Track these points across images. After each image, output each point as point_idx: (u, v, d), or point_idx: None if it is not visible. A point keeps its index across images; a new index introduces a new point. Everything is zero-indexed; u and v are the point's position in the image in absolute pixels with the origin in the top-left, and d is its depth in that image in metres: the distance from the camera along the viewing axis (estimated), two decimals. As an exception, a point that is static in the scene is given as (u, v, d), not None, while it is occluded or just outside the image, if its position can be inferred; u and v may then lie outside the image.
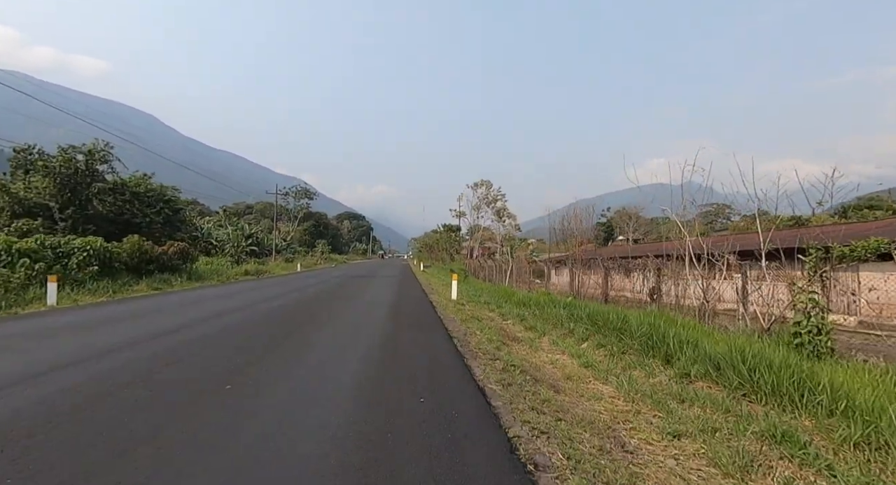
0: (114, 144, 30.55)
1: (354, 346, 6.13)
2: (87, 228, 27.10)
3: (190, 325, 7.66)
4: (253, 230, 58.21)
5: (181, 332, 6.97)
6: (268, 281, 20.33)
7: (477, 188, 40.57)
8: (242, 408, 3.60)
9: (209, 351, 5.69)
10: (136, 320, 8.12)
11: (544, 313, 9.61)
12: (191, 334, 6.76)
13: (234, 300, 11.43)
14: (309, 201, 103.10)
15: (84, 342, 6.08)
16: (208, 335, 6.78)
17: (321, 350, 5.83)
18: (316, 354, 5.63)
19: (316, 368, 4.98)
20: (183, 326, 7.47)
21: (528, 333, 8.20)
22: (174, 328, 7.27)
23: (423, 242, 72.15)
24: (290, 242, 70.07)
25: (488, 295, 14.21)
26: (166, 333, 6.79)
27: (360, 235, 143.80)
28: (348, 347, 6.08)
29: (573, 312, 8.73)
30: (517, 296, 12.77)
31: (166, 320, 8.12)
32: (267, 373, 4.70)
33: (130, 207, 30.58)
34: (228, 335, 6.83)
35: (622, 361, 5.77)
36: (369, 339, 6.61)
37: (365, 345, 6.20)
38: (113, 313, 8.97)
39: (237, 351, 5.69)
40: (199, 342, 6.22)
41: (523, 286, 25.55)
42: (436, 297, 13.44)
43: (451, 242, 58.58)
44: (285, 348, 5.90)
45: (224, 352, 5.64)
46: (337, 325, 7.75)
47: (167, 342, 6.15)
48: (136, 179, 32.52)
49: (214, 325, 7.73)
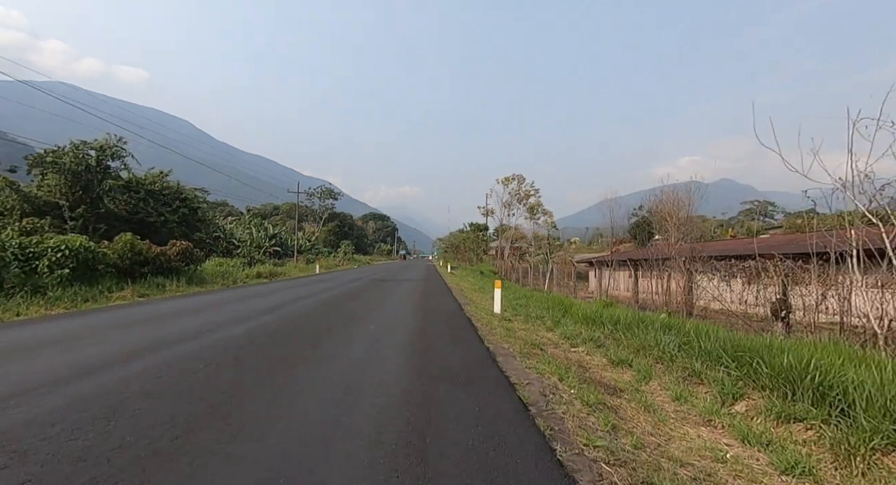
0: (149, 148, 29.59)
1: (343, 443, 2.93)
2: (99, 227, 25.86)
3: (70, 380, 4.24)
4: (277, 231, 57.29)
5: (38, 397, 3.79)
6: (278, 285, 18.12)
7: (508, 183, 37.50)
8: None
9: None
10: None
11: (631, 338, 6.71)
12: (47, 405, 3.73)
13: (211, 316, 8.98)
14: (334, 202, 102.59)
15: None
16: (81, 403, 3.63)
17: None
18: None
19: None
20: (52, 385, 4.08)
21: (623, 375, 5.35)
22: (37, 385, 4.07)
23: (449, 243, 69.51)
24: (315, 243, 69.03)
25: (536, 305, 11.36)
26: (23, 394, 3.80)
27: (385, 236, 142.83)
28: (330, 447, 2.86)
29: (686, 339, 5.80)
30: (576, 307, 9.87)
31: (59, 360, 5.03)
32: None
33: (145, 205, 29.30)
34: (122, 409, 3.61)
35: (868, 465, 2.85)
36: (375, 421, 3.33)
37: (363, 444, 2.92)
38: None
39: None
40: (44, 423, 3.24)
41: (565, 291, 22.47)
42: (473, 310, 10.62)
43: (479, 241, 55.70)
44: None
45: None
46: (327, 374, 4.59)
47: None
48: (152, 176, 31.30)
49: (121, 376, 4.39)
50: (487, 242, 62.52)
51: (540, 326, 8.67)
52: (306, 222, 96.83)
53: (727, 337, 5.61)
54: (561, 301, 11.09)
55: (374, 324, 8.01)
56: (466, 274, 30.84)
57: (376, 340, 6.51)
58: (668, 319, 7.32)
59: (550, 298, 12.07)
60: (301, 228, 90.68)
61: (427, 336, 7.03)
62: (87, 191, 25.42)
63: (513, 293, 15.07)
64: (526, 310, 10.62)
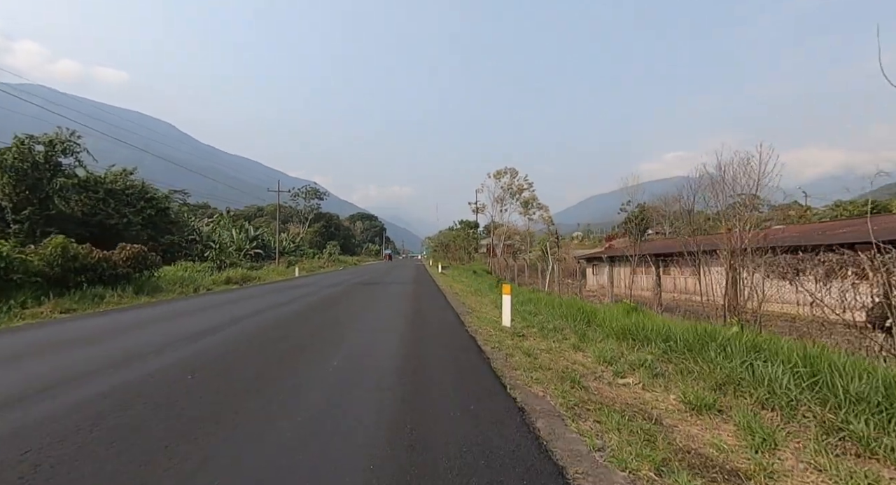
0: (132, 152, 27.16)
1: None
2: (48, 230, 23.14)
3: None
4: (259, 232, 54.61)
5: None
6: (246, 292, 15.89)
7: (500, 177, 35.57)
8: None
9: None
10: None
11: (701, 364, 4.80)
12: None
13: (131, 341, 6.81)
14: (319, 202, 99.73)
15: None
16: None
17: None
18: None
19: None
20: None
21: (719, 432, 3.40)
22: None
23: (439, 241, 67.46)
24: (299, 244, 66.41)
25: (548, 311, 9.41)
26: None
27: (373, 236, 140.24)
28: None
29: (797, 369, 3.89)
30: (600, 315, 7.95)
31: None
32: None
33: (105, 206, 26.62)
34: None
35: None
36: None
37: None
38: None
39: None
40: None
41: (569, 291, 20.64)
42: (475, 322, 8.52)
43: (470, 239, 53.77)
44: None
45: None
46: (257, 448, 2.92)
47: None
48: (114, 174, 28.63)
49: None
50: (478, 239, 60.64)
51: (563, 344, 6.71)
52: (291, 223, 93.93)
53: (851, 364, 3.72)
54: (579, 306, 9.16)
55: (340, 357, 5.63)
56: (459, 274, 28.87)
57: (359, 367, 4.43)
58: (741, 333, 5.41)
59: (564, 302, 10.12)
60: (285, 229, 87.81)
61: (418, 376, 4.78)
62: (35, 190, 22.76)
63: (516, 296, 13.11)
64: (538, 319, 8.65)
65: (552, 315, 8.94)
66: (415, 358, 5.64)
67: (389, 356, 5.71)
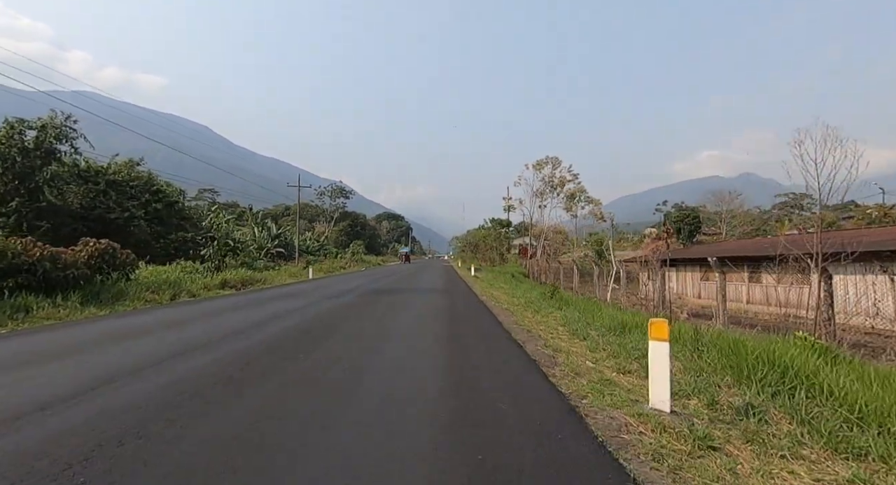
0: (170, 153, 25.64)
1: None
2: (39, 224, 20.81)
3: None
4: (281, 230, 52.46)
5: None
6: (233, 301, 12.57)
7: (541, 168, 31.29)
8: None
9: None
10: None
11: None
12: None
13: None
14: (345, 201, 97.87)
15: None
16: None
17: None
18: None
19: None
20: None
21: None
22: None
23: (467, 241, 63.46)
24: (324, 243, 64.16)
25: (712, 360, 5.39)
26: None
27: (399, 236, 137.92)
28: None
29: None
30: (826, 380, 3.92)
31: None
32: None
33: (105, 198, 24.29)
34: None
35: None
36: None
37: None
38: None
39: None
40: None
41: (632, 302, 16.41)
42: (574, 383, 4.39)
43: (501, 239, 49.61)
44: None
45: None
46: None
47: None
48: (118, 165, 26.38)
49: None
50: (510, 239, 56.40)
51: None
52: (317, 222, 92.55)
53: None
54: (739, 344, 5.12)
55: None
56: (494, 278, 24.94)
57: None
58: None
59: (719, 338, 6.03)
60: (311, 227, 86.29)
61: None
62: (24, 180, 20.43)
63: (595, 315, 9.08)
64: (706, 380, 4.60)
65: (711, 365, 4.96)
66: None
67: None
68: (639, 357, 5.55)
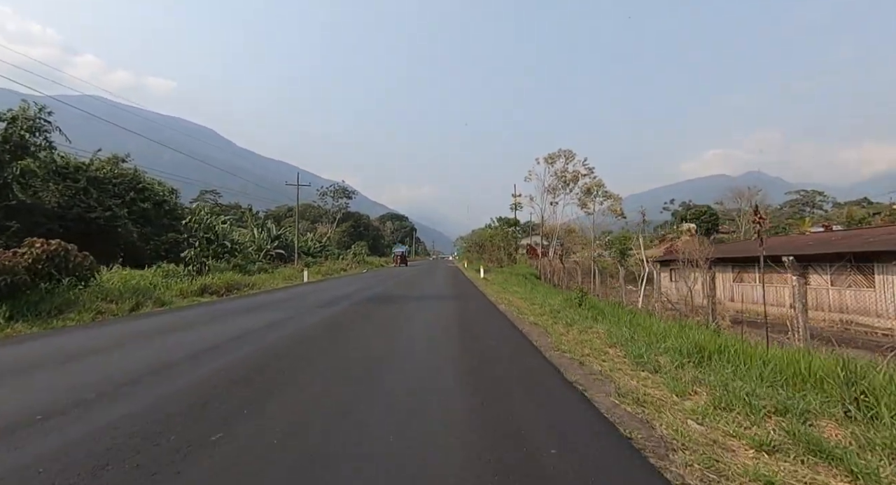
0: (174, 155, 24.58)
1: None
2: (8, 225, 19.13)
3: None
4: (282, 231, 50.81)
5: None
6: (201, 313, 10.66)
7: (552, 161, 29.16)
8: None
9: None
10: None
11: None
12: None
13: None
14: (348, 201, 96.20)
15: None
16: None
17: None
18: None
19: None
20: None
21: None
22: None
23: (472, 241, 61.37)
24: (326, 244, 62.44)
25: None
26: None
27: (403, 236, 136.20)
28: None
29: None
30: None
31: None
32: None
33: (86, 197, 22.56)
34: None
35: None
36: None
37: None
38: None
39: None
40: None
41: (653, 304, 14.37)
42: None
43: (509, 239, 47.53)
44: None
45: None
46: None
47: None
48: (100, 161, 24.65)
49: None
50: (518, 239, 54.34)
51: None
52: (320, 223, 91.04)
53: None
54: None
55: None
56: (505, 280, 22.92)
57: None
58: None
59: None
60: (313, 228, 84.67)
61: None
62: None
63: (647, 331, 7.06)
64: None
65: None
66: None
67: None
68: (773, 414, 3.53)
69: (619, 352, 6.16)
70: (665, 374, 4.91)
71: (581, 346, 6.47)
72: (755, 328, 14.33)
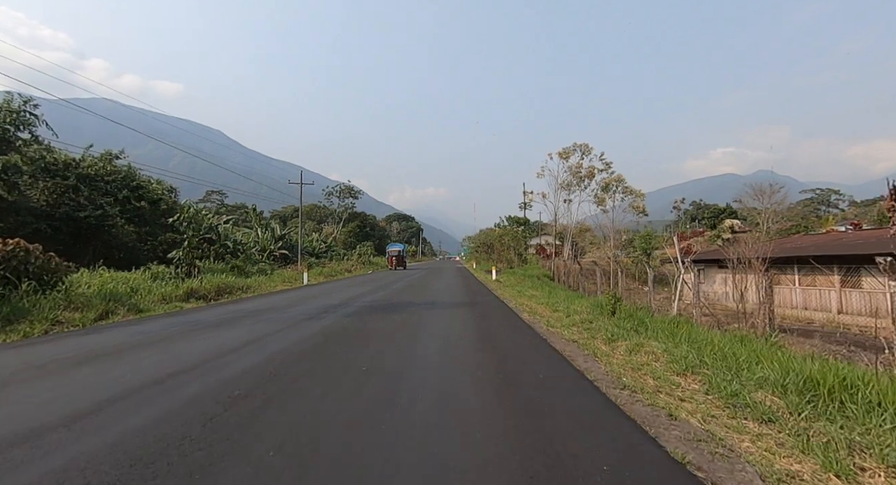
0: (184, 157, 24.22)
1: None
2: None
3: None
4: (286, 232, 49.73)
5: None
6: (176, 323, 9.31)
7: (567, 156, 27.46)
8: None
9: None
10: None
11: None
12: None
13: None
14: (354, 201, 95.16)
15: None
16: None
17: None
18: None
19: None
20: None
21: None
22: None
23: (480, 241, 59.70)
24: (331, 245, 61.28)
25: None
26: None
27: (410, 237, 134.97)
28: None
29: None
30: None
31: None
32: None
33: (75, 195, 21.44)
34: None
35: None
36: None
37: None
38: None
39: None
40: None
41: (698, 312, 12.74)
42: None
43: (519, 239, 45.86)
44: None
45: None
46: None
47: None
48: (93, 158, 23.52)
49: None
50: (527, 238, 52.66)
51: None
52: (326, 224, 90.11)
53: None
54: None
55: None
56: (519, 282, 21.38)
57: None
58: None
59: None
60: (319, 229, 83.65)
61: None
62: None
63: (717, 350, 5.51)
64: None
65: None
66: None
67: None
68: None
69: (696, 384, 4.63)
70: (787, 428, 3.38)
71: (640, 374, 4.94)
72: (804, 337, 12.65)
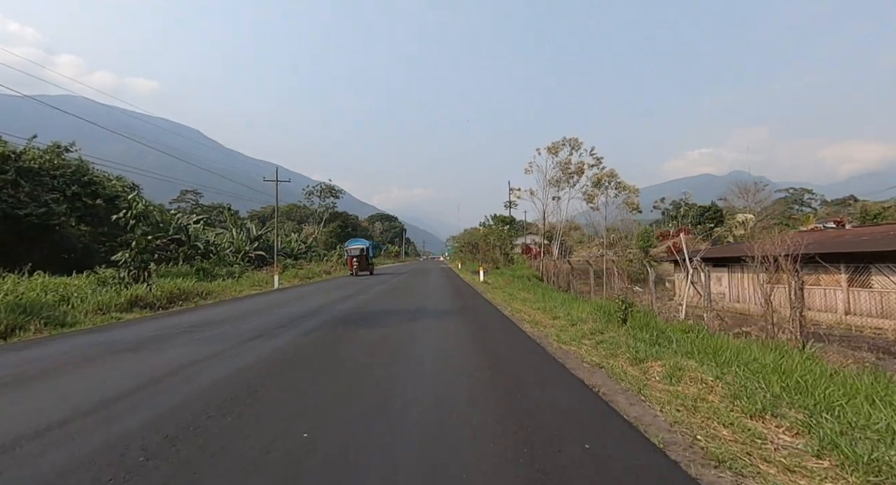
0: (160, 156, 21.68)
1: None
2: None
3: None
4: (263, 232, 47.43)
5: None
6: (84, 344, 7.56)
7: (556, 151, 26.30)
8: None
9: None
10: None
11: None
12: None
13: None
14: (335, 200, 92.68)
15: None
16: None
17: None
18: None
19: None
20: None
21: None
22: None
23: (465, 241, 58.35)
24: (311, 245, 59.04)
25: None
26: None
27: (393, 237, 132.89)
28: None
29: None
30: None
31: None
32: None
33: (14, 190, 19.16)
34: None
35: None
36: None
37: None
38: None
39: None
40: None
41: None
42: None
43: (505, 238, 44.68)
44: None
45: None
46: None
47: None
48: (37, 151, 21.20)
49: None
50: (513, 238, 51.55)
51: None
52: (307, 224, 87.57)
53: None
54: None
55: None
56: (508, 284, 20.04)
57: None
58: None
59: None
60: (299, 229, 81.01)
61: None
62: None
63: (770, 374, 4.23)
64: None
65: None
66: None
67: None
68: None
69: (789, 435, 3.28)
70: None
71: (703, 417, 3.56)
72: (818, 340, 11.63)
